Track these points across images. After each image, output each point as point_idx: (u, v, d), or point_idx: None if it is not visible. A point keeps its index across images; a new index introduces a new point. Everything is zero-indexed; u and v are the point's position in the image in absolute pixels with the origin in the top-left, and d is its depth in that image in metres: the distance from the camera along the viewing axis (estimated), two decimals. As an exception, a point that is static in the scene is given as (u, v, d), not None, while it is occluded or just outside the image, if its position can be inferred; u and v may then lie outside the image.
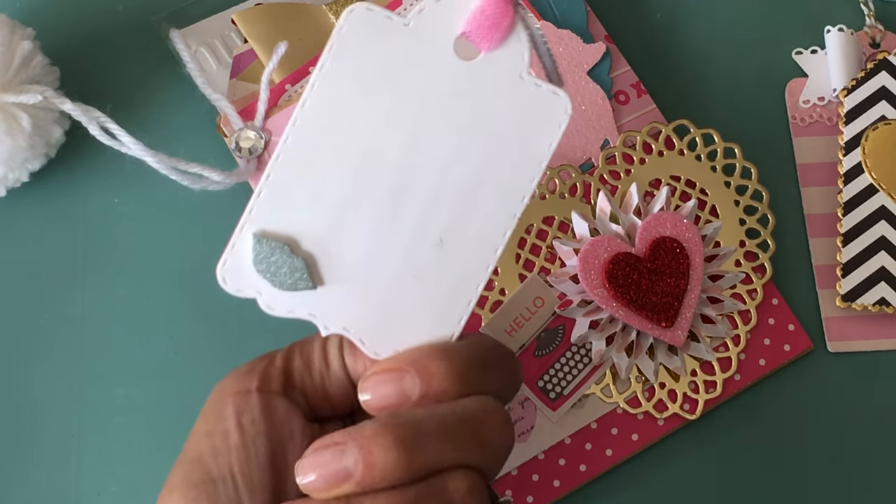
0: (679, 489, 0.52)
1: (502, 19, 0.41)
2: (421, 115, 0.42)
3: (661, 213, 0.53)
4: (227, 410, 0.42)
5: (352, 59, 0.42)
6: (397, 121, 0.42)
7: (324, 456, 0.38)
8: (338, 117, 0.42)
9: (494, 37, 0.41)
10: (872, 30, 0.58)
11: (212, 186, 0.52)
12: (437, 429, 0.38)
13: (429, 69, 0.42)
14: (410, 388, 0.40)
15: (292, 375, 0.43)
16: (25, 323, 0.53)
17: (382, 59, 0.42)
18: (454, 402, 0.40)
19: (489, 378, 0.41)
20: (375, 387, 0.40)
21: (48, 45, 0.54)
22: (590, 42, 0.56)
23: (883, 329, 0.53)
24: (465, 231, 0.42)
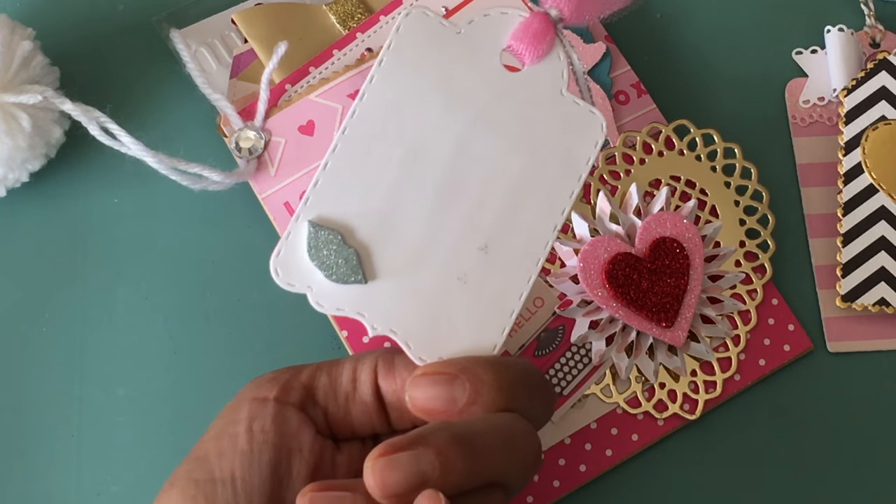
0: (679, 489, 0.52)
1: (544, 35, 0.44)
2: (470, 118, 0.43)
3: (661, 213, 0.53)
4: (242, 414, 0.42)
5: (408, 57, 0.44)
6: (448, 121, 0.43)
7: (400, 460, 0.38)
8: (392, 112, 0.43)
9: (537, 51, 0.44)
10: (872, 30, 0.58)
11: (212, 186, 0.52)
12: (497, 442, 0.39)
13: (478, 75, 0.44)
14: (459, 395, 0.40)
15: (315, 392, 0.43)
16: (25, 323, 0.53)
17: (436, 61, 0.44)
18: (503, 416, 0.40)
19: (532, 399, 0.41)
20: (426, 387, 0.40)
21: (48, 45, 0.54)
22: (590, 42, 0.56)
23: (883, 329, 0.53)
24: (509, 239, 0.43)
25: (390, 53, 0.44)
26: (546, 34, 0.45)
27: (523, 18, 0.45)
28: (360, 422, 0.43)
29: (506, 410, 0.40)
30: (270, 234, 0.53)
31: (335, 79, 0.54)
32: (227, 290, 0.53)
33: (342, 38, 0.55)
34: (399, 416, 0.43)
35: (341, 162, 0.43)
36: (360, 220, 0.43)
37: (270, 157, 0.53)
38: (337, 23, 0.56)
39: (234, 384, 0.52)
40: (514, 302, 0.43)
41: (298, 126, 0.54)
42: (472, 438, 0.38)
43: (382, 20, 0.55)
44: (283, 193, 0.53)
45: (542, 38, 0.44)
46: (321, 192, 0.43)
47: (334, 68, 0.55)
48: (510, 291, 0.43)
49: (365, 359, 0.44)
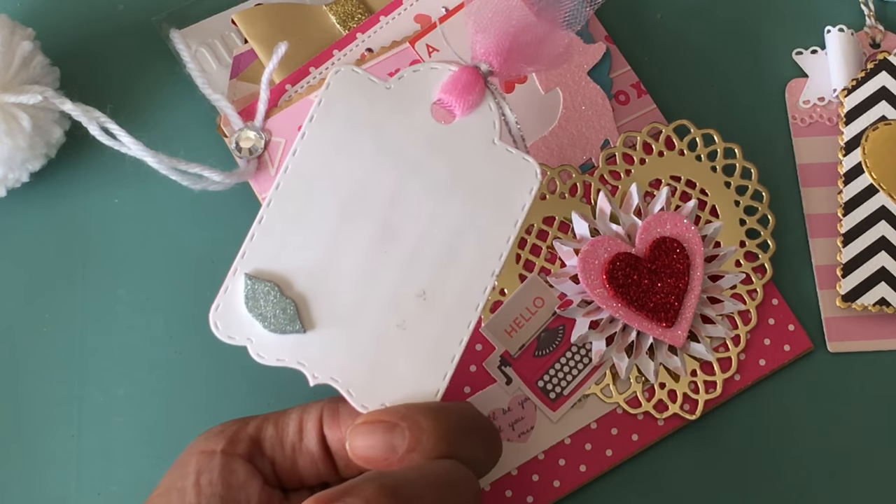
0: (679, 489, 0.52)
1: (473, 87, 0.46)
2: (403, 170, 0.45)
3: (662, 213, 0.53)
4: (189, 468, 0.42)
5: (339, 113, 0.45)
6: (381, 174, 0.45)
7: None
8: (325, 167, 0.45)
9: (467, 103, 0.46)
10: (872, 30, 0.58)
11: (212, 186, 0.52)
12: (429, 492, 0.39)
13: (409, 129, 0.45)
14: (399, 442, 0.40)
15: (262, 443, 0.43)
16: (25, 323, 0.53)
17: (367, 115, 0.45)
18: (439, 464, 0.40)
19: (474, 444, 0.41)
20: (366, 436, 0.40)
21: (48, 45, 0.54)
22: (590, 42, 0.56)
23: (883, 329, 0.53)
24: (447, 286, 0.44)
25: (320, 109, 0.45)
26: (475, 86, 0.46)
27: (452, 72, 0.46)
28: (307, 471, 0.43)
29: (447, 457, 0.40)
30: (270, 234, 0.53)
31: (335, 79, 0.54)
32: (227, 290, 0.53)
33: (342, 38, 0.55)
34: (346, 464, 0.43)
35: (276, 216, 0.44)
36: (297, 271, 0.44)
37: (270, 158, 0.53)
38: (337, 23, 0.56)
39: (234, 384, 0.52)
40: (455, 347, 0.44)
41: (298, 126, 0.53)
42: (403, 489, 0.38)
43: (382, 20, 0.55)
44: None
45: (472, 90, 0.45)
46: (257, 246, 0.44)
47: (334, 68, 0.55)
48: (450, 337, 0.44)
49: (311, 408, 0.44)
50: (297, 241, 0.44)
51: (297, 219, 0.44)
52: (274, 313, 0.43)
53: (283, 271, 0.44)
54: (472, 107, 0.46)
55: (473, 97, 0.46)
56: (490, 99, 0.46)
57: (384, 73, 0.54)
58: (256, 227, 0.45)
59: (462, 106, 0.46)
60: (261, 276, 0.44)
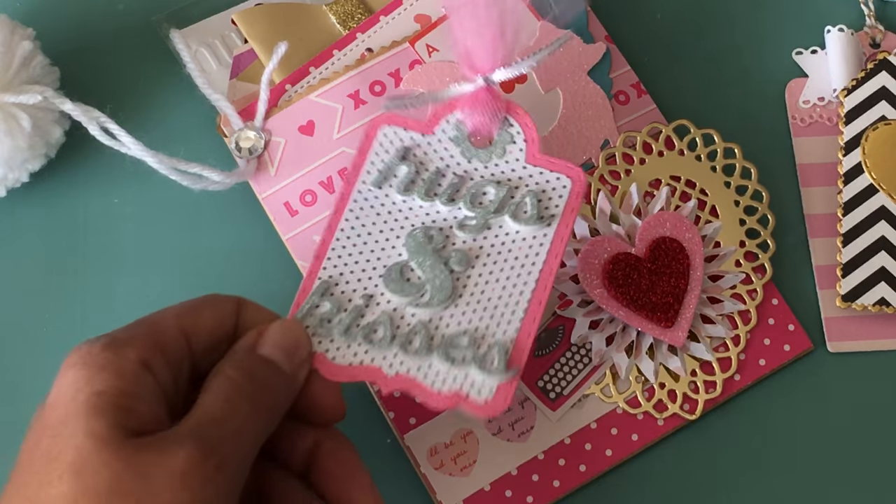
0: (679, 489, 0.52)
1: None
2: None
3: (661, 213, 0.53)
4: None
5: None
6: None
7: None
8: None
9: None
10: (872, 30, 0.58)
11: (212, 186, 0.52)
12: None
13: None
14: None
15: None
16: (25, 323, 0.53)
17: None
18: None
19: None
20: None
21: (48, 45, 0.54)
22: (590, 42, 0.56)
23: (883, 329, 0.53)
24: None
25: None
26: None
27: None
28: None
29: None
30: (270, 234, 0.53)
31: (335, 79, 0.54)
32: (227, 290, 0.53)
33: (342, 38, 0.55)
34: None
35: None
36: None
37: (270, 157, 0.53)
38: (337, 23, 0.56)
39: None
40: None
41: (298, 126, 0.54)
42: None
43: (382, 20, 0.55)
44: (283, 193, 0.53)
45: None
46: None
47: (334, 68, 0.55)
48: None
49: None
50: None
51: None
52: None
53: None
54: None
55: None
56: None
57: (384, 73, 0.54)
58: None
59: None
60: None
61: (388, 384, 0.46)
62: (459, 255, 0.48)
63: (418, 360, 0.46)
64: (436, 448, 0.50)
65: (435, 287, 0.47)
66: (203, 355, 0.44)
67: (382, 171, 0.49)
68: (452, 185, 0.49)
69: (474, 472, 0.50)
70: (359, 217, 0.49)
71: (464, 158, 0.50)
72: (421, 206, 0.49)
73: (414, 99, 0.50)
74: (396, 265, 0.48)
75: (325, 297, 0.47)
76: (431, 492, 0.50)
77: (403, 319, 0.47)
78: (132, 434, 0.40)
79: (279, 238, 0.53)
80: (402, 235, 0.48)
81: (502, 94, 0.49)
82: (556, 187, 0.49)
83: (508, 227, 0.48)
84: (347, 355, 0.46)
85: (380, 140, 0.49)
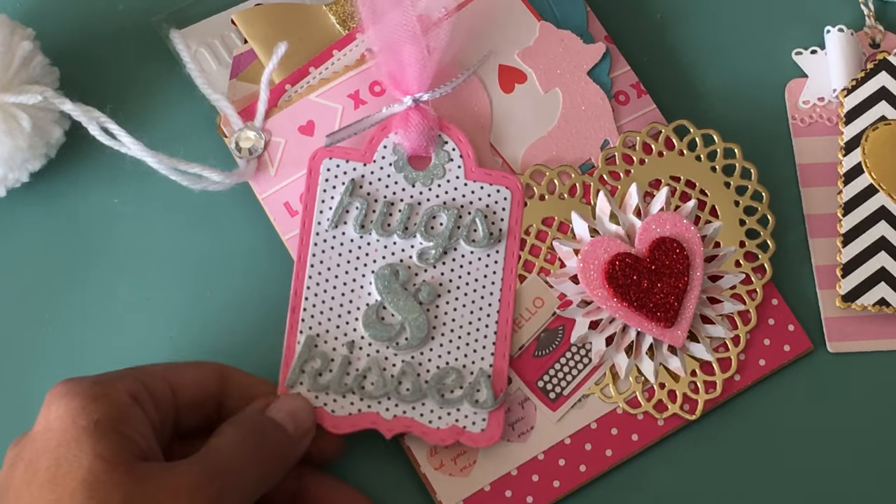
0: (679, 489, 0.52)
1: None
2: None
3: (661, 213, 0.53)
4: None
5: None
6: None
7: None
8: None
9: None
10: (872, 30, 0.58)
11: (212, 186, 0.52)
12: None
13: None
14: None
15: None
16: (25, 323, 0.53)
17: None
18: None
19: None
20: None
21: (48, 45, 0.54)
22: (590, 42, 0.56)
23: (883, 329, 0.53)
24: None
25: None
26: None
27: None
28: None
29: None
30: (270, 234, 0.53)
31: (335, 79, 0.54)
32: (227, 291, 0.53)
33: (342, 39, 0.55)
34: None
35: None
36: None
37: (270, 158, 0.53)
38: (337, 23, 0.56)
39: (234, 384, 0.52)
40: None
41: (298, 126, 0.54)
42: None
43: (382, 20, 0.55)
44: (283, 193, 0.53)
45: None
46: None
47: (334, 68, 0.55)
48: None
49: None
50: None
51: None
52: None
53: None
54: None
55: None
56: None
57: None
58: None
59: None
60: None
61: (388, 427, 0.49)
62: (427, 289, 0.51)
63: (412, 402, 0.49)
64: (436, 448, 0.50)
65: (412, 326, 0.50)
66: (187, 410, 0.46)
67: (335, 210, 0.51)
68: (404, 215, 0.51)
69: (474, 472, 0.50)
70: (323, 261, 0.51)
71: (408, 183, 0.52)
72: (378, 240, 0.51)
73: (350, 129, 0.52)
74: (372, 308, 0.50)
75: (312, 352, 0.50)
76: (431, 492, 0.50)
77: (388, 361, 0.50)
78: (136, 459, 0.41)
79: (279, 238, 0.53)
80: (367, 275, 0.51)
81: (432, 112, 0.52)
82: (499, 200, 0.52)
83: (464, 250, 0.51)
84: (346, 406, 0.49)
85: (324, 175, 0.52)
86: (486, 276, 0.51)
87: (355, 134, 0.52)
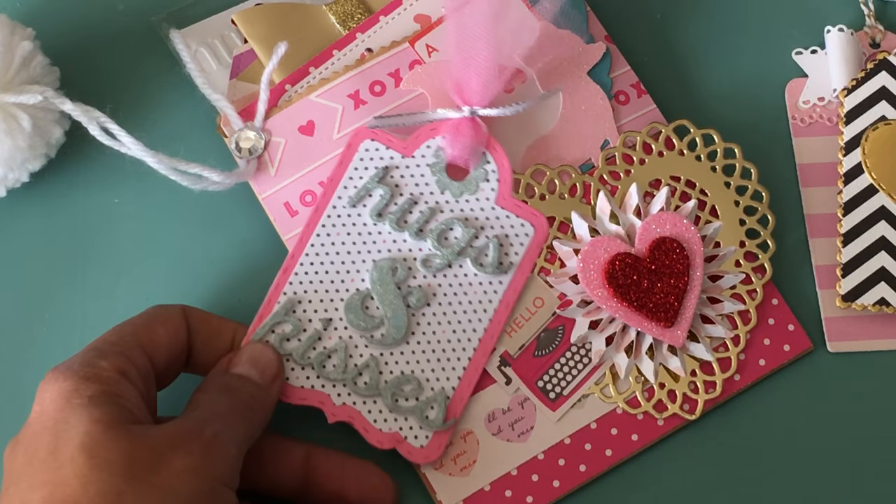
0: (679, 489, 0.52)
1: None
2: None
3: (661, 213, 0.53)
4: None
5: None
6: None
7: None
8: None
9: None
10: (872, 30, 0.58)
11: (212, 187, 0.52)
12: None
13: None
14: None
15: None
16: (25, 323, 0.53)
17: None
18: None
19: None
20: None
21: (48, 45, 0.54)
22: (590, 42, 0.56)
23: (883, 329, 0.53)
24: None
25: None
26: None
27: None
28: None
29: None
30: (270, 235, 0.53)
31: (335, 79, 0.54)
32: (227, 291, 0.53)
33: (342, 38, 0.55)
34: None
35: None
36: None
37: (270, 158, 0.53)
38: (337, 23, 0.56)
39: (234, 384, 0.51)
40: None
41: (298, 126, 0.54)
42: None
43: (382, 20, 0.55)
44: (283, 193, 0.53)
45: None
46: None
47: (334, 68, 0.55)
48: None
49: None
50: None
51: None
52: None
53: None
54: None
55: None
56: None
57: (384, 74, 0.54)
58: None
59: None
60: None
61: (334, 412, 0.49)
62: (419, 294, 0.50)
63: (365, 397, 0.49)
64: (436, 448, 0.50)
65: (391, 325, 0.50)
66: (164, 369, 0.47)
67: (359, 190, 0.51)
68: (423, 216, 0.51)
69: (474, 472, 0.50)
70: (329, 234, 0.51)
71: (437, 188, 0.52)
72: (390, 233, 0.51)
73: (400, 118, 0.52)
74: (358, 295, 0.50)
75: (288, 316, 0.50)
76: (431, 492, 0.50)
77: (357, 349, 0.50)
78: (132, 423, 0.43)
79: (279, 238, 0.53)
80: (367, 260, 0.51)
81: (485, 128, 0.51)
82: (519, 234, 0.52)
83: (468, 269, 0.51)
84: (301, 378, 0.49)
85: (361, 154, 0.52)
86: (480, 302, 0.51)
87: (403, 125, 0.52)
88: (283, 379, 0.49)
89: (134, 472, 0.41)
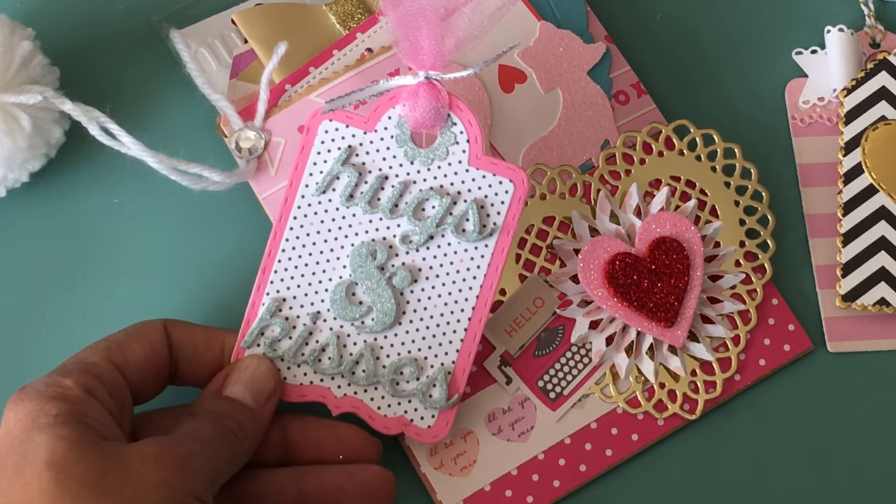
0: (679, 489, 0.52)
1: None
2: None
3: (661, 213, 0.53)
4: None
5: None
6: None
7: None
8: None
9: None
10: (872, 30, 0.58)
11: (212, 186, 0.52)
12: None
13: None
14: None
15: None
16: (25, 323, 0.53)
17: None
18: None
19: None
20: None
21: (48, 45, 0.54)
22: (590, 42, 0.56)
23: (883, 329, 0.53)
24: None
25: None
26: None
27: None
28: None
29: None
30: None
31: (335, 79, 0.54)
32: (227, 290, 0.53)
33: (342, 39, 0.55)
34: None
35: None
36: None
37: (270, 158, 0.53)
38: (337, 23, 0.56)
39: (234, 384, 0.51)
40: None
41: (298, 126, 0.54)
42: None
43: (382, 20, 0.55)
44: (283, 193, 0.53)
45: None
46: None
47: (334, 68, 0.55)
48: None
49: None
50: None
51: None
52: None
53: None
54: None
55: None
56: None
57: (384, 73, 0.54)
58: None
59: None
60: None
61: (337, 405, 0.49)
62: (403, 273, 0.49)
63: (365, 385, 0.49)
64: (436, 448, 0.50)
65: (379, 311, 0.49)
66: (141, 385, 0.47)
67: (325, 175, 0.49)
68: (395, 192, 0.49)
69: (474, 472, 0.50)
70: (303, 226, 0.50)
71: (406, 160, 0.49)
72: (364, 215, 0.50)
73: (353, 96, 0.50)
74: (342, 284, 0.49)
75: (275, 317, 0.49)
76: (431, 492, 0.50)
77: (350, 338, 0.49)
78: (99, 440, 0.42)
79: (279, 238, 0.53)
80: (346, 247, 0.49)
81: (444, 91, 0.49)
82: (499, 192, 0.49)
83: (451, 239, 0.49)
84: (298, 376, 0.49)
85: (321, 137, 0.50)
86: (468, 270, 0.49)
87: (360, 101, 0.50)
88: (279, 395, 0.48)
89: (103, 486, 0.40)
